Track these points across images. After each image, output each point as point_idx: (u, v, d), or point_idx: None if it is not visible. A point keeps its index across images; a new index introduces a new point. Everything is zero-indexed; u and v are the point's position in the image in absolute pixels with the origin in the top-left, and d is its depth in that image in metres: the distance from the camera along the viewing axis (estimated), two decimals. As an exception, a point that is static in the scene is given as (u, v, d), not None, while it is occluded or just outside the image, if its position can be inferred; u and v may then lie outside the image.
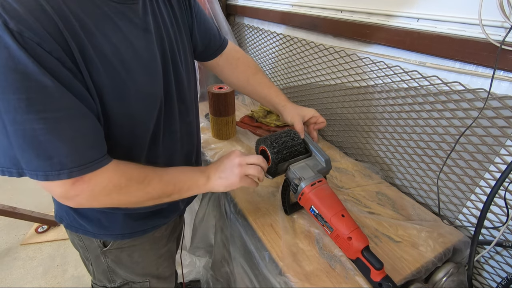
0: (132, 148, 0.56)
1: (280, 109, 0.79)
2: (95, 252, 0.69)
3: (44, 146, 0.41)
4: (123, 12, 0.49)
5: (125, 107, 0.51)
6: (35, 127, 0.40)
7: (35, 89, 0.39)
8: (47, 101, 0.40)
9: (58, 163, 0.43)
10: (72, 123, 0.43)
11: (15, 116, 0.39)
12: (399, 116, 0.84)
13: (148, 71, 0.54)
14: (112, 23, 0.48)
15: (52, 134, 0.42)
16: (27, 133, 0.40)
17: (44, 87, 0.40)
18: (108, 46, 0.46)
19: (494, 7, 0.55)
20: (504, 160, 0.64)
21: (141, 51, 0.52)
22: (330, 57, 1.00)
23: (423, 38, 0.70)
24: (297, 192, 0.65)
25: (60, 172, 0.43)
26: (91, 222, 0.64)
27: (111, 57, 0.47)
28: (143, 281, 0.76)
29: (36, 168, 0.42)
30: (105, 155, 0.48)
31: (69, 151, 0.43)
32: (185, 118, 0.68)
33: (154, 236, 0.73)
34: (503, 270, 0.69)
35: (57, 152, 0.42)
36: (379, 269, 0.54)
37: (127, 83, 0.50)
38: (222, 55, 0.80)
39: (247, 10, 1.41)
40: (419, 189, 0.85)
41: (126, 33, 0.49)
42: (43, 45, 0.39)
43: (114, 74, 0.48)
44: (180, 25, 0.64)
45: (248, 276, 0.75)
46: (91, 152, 0.46)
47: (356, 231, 0.58)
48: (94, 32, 0.45)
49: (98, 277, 0.74)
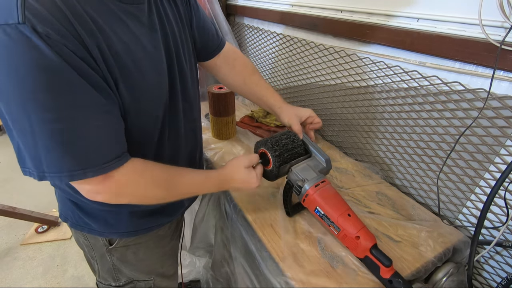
0: (141, 146, 0.57)
1: (276, 110, 0.79)
2: (101, 251, 0.70)
3: (72, 144, 0.42)
4: (130, 12, 0.50)
5: (136, 104, 0.52)
6: (64, 126, 0.41)
7: (65, 88, 0.40)
8: (76, 100, 0.41)
9: (85, 161, 0.44)
10: (99, 120, 0.44)
11: (44, 115, 0.40)
12: (399, 116, 0.84)
13: (156, 69, 0.54)
14: (122, 22, 0.48)
15: (80, 132, 0.43)
16: (55, 132, 0.41)
17: (73, 86, 0.41)
18: (120, 45, 0.47)
19: (494, 7, 0.55)
20: (504, 160, 0.64)
21: (149, 50, 0.52)
22: (330, 57, 1.00)
23: (423, 38, 0.70)
24: (301, 194, 0.65)
25: (86, 170, 0.44)
26: (97, 220, 0.64)
27: (124, 55, 0.48)
28: (148, 279, 0.77)
29: (60, 169, 0.43)
30: (126, 150, 0.50)
31: (96, 148, 0.45)
32: (189, 115, 0.69)
33: (158, 234, 0.74)
34: (503, 270, 0.69)
35: (85, 150, 0.43)
36: (388, 266, 0.55)
37: (138, 81, 0.51)
38: (219, 55, 0.80)
39: (247, 10, 1.40)
40: (419, 189, 0.85)
41: (135, 32, 0.50)
42: (68, 45, 0.40)
43: (126, 72, 0.48)
44: (184, 24, 0.65)
45: (249, 276, 0.75)
46: (116, 149, 0.47)
47: (364, 230, 0.58)
48: (107, 31, 0.45)
49: (103, 276, 0.74)
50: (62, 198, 0.66)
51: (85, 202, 0.61)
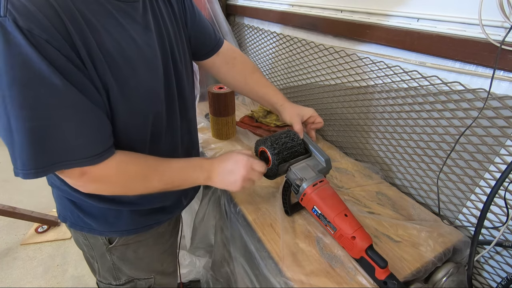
0: (134, 145, 0.57)
1: (278, 108, 0.78)
2: (101, 250, 0.69)
3: (49, 141, 0.42)
4: (125, 10, 0.50)
5: (129, 103, 0.52)
6: (41, 124, 0.41)
7: (43, 86, 0.40)
8: (54, 98, 0.41)
9: (58, 156, 0.44)
10: (77, 118, 0.44)
11: (20, 112, 0.39)
12: (399, 116, 0.84)
13: (150, 67, 0.54)
14: (115, 20, 0.48)
15: (57, 130, 0.42)
16: (32, 129, 0.41)
17: (52, 84, 0.40)
18: (112, 43, 0.47)
19: (494, 7, 0.55)
20: (504, 160, 0.64)
21: (143, 48, 0.52)
22: (330, 57, 1.00)
23: (423, 38, 0.70)
24: (299, 192, 0.65)
25: (60, 164, 0.44)
26: (97, 219, 0.64)
27: (115, 54, 0.47)
28: (148, 277, 0.77)
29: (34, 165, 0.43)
30: (108, 148, 0.49)
31: (73, 145, 0.44)
32: (184, 115, 0.68)
33: (158, 232, 0.74)
34: (503, 270, 0.69)
35: (59, 145, 0.43)
36: (383, 268, 0.54)
37: (131, 80, 0.50)
38: (218, 55, 0.79)
39: (247, 10, 1.40)
40: (419, 189, 0.85)
41: (129, 30, 0.50)
42: (52, 42, 0.39)
43: (118, 71, 0.48)
44: (179, 23, 0.65)
45: (249, 276, 0.75)
46: (95, 146, 0.47)
47: (360, 230, 0.58)
48: (98, 29, 0.45)
49: (103, 275, 0.74)
50: (60, 198, 0.66)
51: (84, 201, 0.61)
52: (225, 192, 0.84)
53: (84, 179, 0.49)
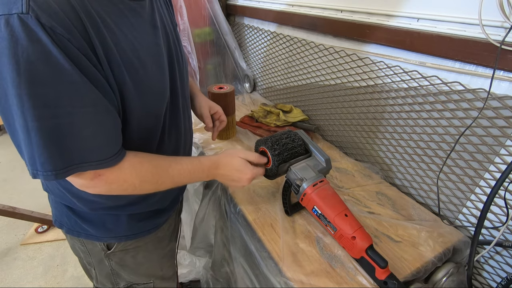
0: (144, 144, 0.57)
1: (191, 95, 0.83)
2: (98, 256, 0.68)
3: (67, 140, 0.42)
4: (134, 9, 0.50)
5: (142, 102, 0.52)
6: (61, 122, 0.40)
7: (65, 84, 0.39)
8: (74, 96, 0.41)
9: (78, 157, 0.43)
10: (96, 118, 0.44)
11: (41, 111, 0.39)
12: (399, 116, 0.84)
13: (159, 66, 0.54)
14: (127, 20, 0.48)
15: (77, 129, 0.42)
16: (52, 127, 0.40)
17: (73, 82, 0.40)
18: (127, 43, 0.47)
19: (494, 7, 0.55)
20: (504, 160, 0.64)
21: (151, 47, 0.53)
22: (330, 57, 1.00)
23: (423, 38, 0.70)
24: (299, 192, 0.65)
25: (79, 166, 0.44)
26: (95, 225, 0.63)
27: (130, 54, 0.48)
28: (147, 282, 0.76)
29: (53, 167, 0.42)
30: (120, 149, 0.49)
31: (91, 146, 0.44)
32: (186, 113, 0.69)
33: (157, 236, 0.74)
34: (503, 270, 0.69)
35: (78, 146, 0.43)
36: (384, 267, 0.54)
37: (143, 79, 0.51)
38: None
39: (247, 10, 1.40)
40: (419, 189, 0.85)
41: (138, 29, 0.50)
42: (73, 41, 0.39)
43: (133, 70, 0.48)
44: (174, 22, 0.66)
45: (249, 276, 0.75)
46: (110, 148, 0.47)
47: (360, 230, 0.58)
48: (113, 29, 0.45)
49: (101, 281, 0.73)
50: (56, 203, 0.65)
51: (81, 207, 0.60)
52: (225, 192, 0.84)
53: (96, 180, 0.48)
